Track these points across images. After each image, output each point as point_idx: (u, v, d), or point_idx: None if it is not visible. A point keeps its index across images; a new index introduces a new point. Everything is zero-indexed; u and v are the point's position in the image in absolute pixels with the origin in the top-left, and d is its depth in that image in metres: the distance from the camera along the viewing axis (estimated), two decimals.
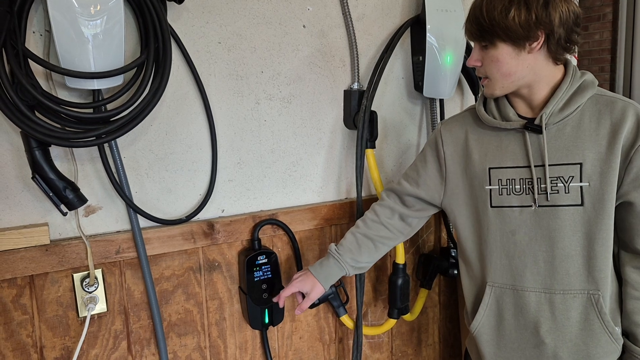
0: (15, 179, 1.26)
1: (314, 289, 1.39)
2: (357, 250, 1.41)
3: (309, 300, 1.40)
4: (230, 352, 1.56)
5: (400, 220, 1.44)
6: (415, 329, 1.91)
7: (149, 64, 1.25)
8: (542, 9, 1.10)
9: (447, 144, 1.34)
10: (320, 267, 1.41)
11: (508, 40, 1.14)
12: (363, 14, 1.64)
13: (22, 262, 1.25)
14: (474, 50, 1.22)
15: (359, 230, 1.43)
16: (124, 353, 1.41)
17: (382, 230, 1.43)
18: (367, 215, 1.45)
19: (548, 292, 1.23)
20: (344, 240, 1.43)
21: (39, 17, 1.22)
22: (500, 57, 1.16)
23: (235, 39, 1.45)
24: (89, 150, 1.32)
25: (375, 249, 1.43)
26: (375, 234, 1.42)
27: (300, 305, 1.40)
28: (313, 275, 1.40)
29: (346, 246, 1.41)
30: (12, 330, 1.28)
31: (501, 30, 1.13)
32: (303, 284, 1.40)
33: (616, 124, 1.15)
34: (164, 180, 1.42)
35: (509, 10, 1.11)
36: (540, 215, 1.21)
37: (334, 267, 1.40)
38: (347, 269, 1.41)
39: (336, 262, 1.40)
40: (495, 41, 1.15)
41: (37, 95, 1.12)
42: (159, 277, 1.43)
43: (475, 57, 1.22)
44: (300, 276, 1.42)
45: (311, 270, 1.41)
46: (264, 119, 1.53)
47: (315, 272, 1.40)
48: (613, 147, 1.15)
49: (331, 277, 1.41)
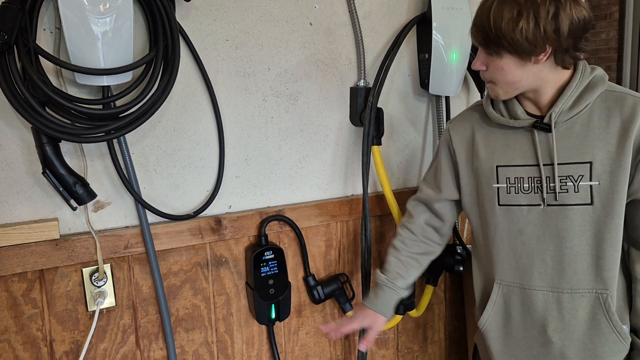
0: (25, 174, 1.27)
1: (377, 322, 1.39)
2: (406, 272, 1.41)
3: (374, 332, 1.38)
4: (237, 347, 1.58)
5: (435, 233, 1.45)
6: (421, 325, 1.91)
7: (158, 61, 1.26)
8: (552, 21, 1.06)
9: (456, 142, 1.34)
10: (376, 299, 1.41)
11: (514, 52, 1.11)
12: (369, 12, 1.64)
13: (32, 256, 1.27)
14: (480, 54, 1.20)
15: (401, 253, 1.42)
16: (132, 347, 1.43)
17: (423, 246, 1.44)
18: (403, 235, 1.45)
19: (556, 291, 1.22)
20: (388, 266, 1.42)
21: (49, 14, 1.23)
22: (505, 67, 1.14)
23: (243, 37, 1.46)
24: (98, 146, 1.33)
25: (420, 265, 1.44)
26: (417, 251, 1.43)
27: (366, 338, 1.38)
28: (371, 309, 1.40)
29: (394, 272, 1.41)
30: (22, 324, 1.30)
31: (507, 43, 1.09)
32: (364, 320, 1.39)
33: (627, 122, 1.14)
34: (172, 176, 1.44)
35: (517, 23, 1.06)
36: (549, 214, 1.20)
37: (389, 294, 1.40)
38: (401, 293, 1.41)
39: (390, 290, 1.40)
40: (501, 52, 1.12)
41: (48, 91, 1.14)
42: (167, 272, 1.44)
43: (480, 62, 1.20)
44: (359, 313, 1.41)
45: (368, 305, 1.40)
46: (270, 116, 1.54)
47: (373, 306, 1.40)
48: (624, 145, 1.13)
49: (390, 304, 1.41)
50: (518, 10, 1.07)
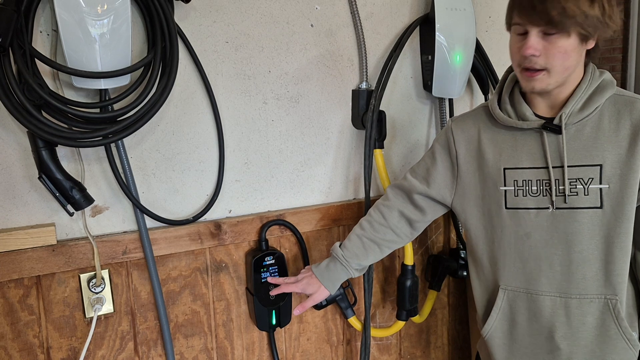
0: (22, 178, 1.25)
1: (319, 292, 1.39)
2: (364, 255, 1.40)
3: (312, 301, 1.39)
4: (237, 354, 1.55)
5: (408, 226, 1.42)
6: (424, 330, 1.89)
7: (156, 64, 1.24)
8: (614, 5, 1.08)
9: (459, 142, 1.31)
10: (326, 271, 1.39)
11: (583, 31, 1.07)
12: (371, 13, 1.62)
13: (28, 262, 1.25)
14: (533, 38, 1.09)
15: (366, 234, 1.40)
16: (130, 354, 1.41)
17: (389, 234, 1.41)
18: (374, 216, 1.42)
19: (564, 297, 1.20)
20: (349, 244, 1.41)
21: (45, 16, 1.22)
22: (569, 48, 1.08)
23: (243, 38, 1.44)
24: (95, 150, 1.31)
25: (381, 252, 1.42)
26: (382, 237, 1.40)
27: (302, 304, 1.39)
28: (318, 279, 1.39)
29: (353, 251, 1.39)
30: (18, 331, 1.28)
31: (582, 20, 1.05)
32: (308, 287, 1.39)
33: (637, 125, 1.13)
34: (171, 180, 1.42)
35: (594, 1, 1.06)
36: (557, 217, 1.18)
37: (340, 272, 1.39)
38: (352, 273, 1.40)
39: (343, 267, 1.39)
40: (571, 30, 1.06)
41: (44, 94, 1.12)
42: (166, 277, 1.42)
43: (535, 46, 1.09)
44: (305, 278, 1.41)
45: (316, 274, 1.39)
46: (271, 119, 1.52)
47: (320, 277, 1.39)
48: (634, 149, 1.12)
49: (337, 282, 1.40)
50: None
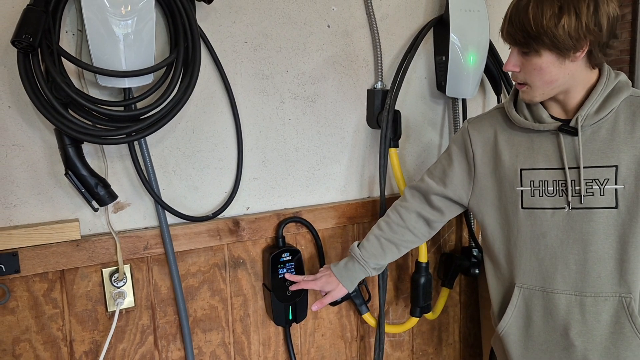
0: (47, 175, 1.28)
1: (337, 290, 1.43)
2: (382, 255, 1.43)
3: (330, 298, 1.43)
4: (254, 348, 1.58)
5: (425, 226, 1.45)
6: (436, 327, 1.91)
7: (179, 63, 1.26)
8: (593, 16, 1.06)
9: (475, 144, 1.33)
10: (345, 270, 1.43)
11: (554, 49, 1.10)
12: (387, 14, 1.64)
13: (53, 256, 1.28)
14: (513, 55, 1.17)
15: (384, 235, 1.43)
16: (150, 348, 1.43)
17: (407, 235, 1.44)
18: (392, 217, 1.45)
19: (579, 295, 1.22)
20: (367, 244, 1.44)
21: (71, 16, 1.24)
22: (543, 65, 1.13)
23: (262, 39, 1.47)
24: (118, 148, 1.34)
25: (399, 252, 1.46)
26: (400, 238, 1.44)
27: (321, 300, 1.43)
28: (337, 277, 1.43)
29: (371, 252, 1.43)
30: (43, 324, 1.30)
31: (549, 39, 1.08)
32: (327, 285, 1.43)
33: None
34: (191, 177, 1.44)
35: (560, 19, 1.06)
36: (573, 217, 1.20)
37: (359, 271, 1.43)
38: (370, 272, 1.44)
39: (361, 267, 1.43)
40: (540, 49, 1.11)
41: (71, 93, 1.15)
42: (185, 273, 1.45)
43: (514, 63, 1.17)
44: (324, 276, 1.44)
45: (335, 273, 1.43)
46: (288, 118, 1.55)
47: (339, 275, 1.43)
48: None
49: (356, 280, 1.44)
50: (559, 6, 1.07)
